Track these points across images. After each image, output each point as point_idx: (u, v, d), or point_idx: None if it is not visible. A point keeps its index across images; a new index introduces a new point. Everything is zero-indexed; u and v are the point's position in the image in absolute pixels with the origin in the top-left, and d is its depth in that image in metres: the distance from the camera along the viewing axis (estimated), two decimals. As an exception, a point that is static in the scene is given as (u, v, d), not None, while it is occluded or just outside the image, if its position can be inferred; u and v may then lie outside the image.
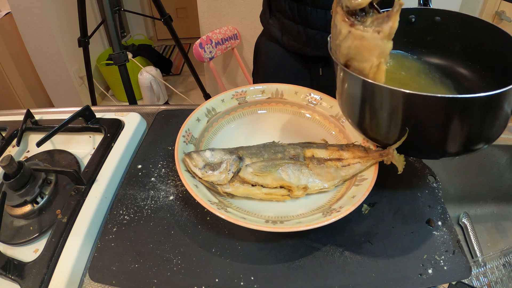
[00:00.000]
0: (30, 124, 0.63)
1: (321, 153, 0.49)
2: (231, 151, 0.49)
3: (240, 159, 0.47)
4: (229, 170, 0.46)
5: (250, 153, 0.48)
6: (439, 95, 0.35)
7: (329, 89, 0.57)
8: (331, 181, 0.47)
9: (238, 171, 0.46)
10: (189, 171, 0.47)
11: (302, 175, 0.47)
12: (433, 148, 0.43)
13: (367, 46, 0.38)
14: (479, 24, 0.47)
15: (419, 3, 0.54)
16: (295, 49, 0.80)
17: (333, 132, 0.57)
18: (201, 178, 0.46)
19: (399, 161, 0.44)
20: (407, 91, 0.36)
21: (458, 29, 0.49)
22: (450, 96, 0.35)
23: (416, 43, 0.53)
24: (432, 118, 0.39)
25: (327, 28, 0.73)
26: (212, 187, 0.46)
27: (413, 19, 0.51)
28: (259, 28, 0.92)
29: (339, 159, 0.48)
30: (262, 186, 0.46)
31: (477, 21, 0.47)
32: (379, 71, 0.39)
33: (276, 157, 0.48)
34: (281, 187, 0.47)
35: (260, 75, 0.92)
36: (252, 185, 0.46)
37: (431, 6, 0.52)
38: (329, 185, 0.47)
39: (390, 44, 0.38)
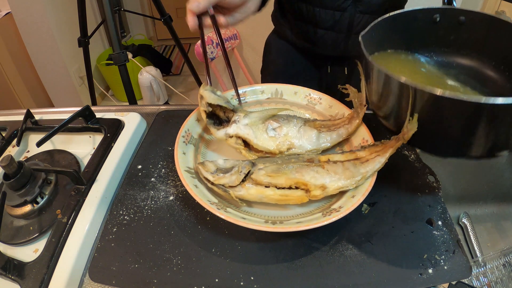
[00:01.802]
0: (30, 124, 0.63)
1: (337, 157, 0.47)
2: (243, 160, 0.48)
3: (253, 164, 0.46)
4: (241, 171, 0.45)
5: (264, 159, 0.48)
6: (467, 99, 0.34)
7: (336, 87, 0.58)
8: (351, 178, 0.44)
9: (251, 173, 0.45)
10: (187, 172, 0.47)
11: (318, 175, 0.44)
12: (455, 149, 0.42)
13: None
14: (504, 25, 0.46)
15: (443, 2, 0.53)
16: (304, 48, 0.81)
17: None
18: (213, 184, 0.45)
19: (413, 128, 0.43)
20: (437, 93, 0.35)
21: (482, 29, 0.49)
22: (476, 101, 0.34)
23: (440, 42, 0.53)
24: (458, 120, 0.38)
25: (336, 28, 0.74)
26: (224, 192, 0.45)
27: (438, 19, 0.51)
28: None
29: (356, 159, 0.46)
30: (276, 187, 0.44)
31: (502, 22, 0.46)
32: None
33: (289, 161, 0.46)
34: (296, 187, 0.45)
35: (269, 72, 0.94)
36: (266, 187, 0.44)
37: (455, 6, 0.52)
38: (349, 182, 0.44)
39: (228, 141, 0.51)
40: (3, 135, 0.63)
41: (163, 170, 0.54)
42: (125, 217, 0.47)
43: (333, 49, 0.77)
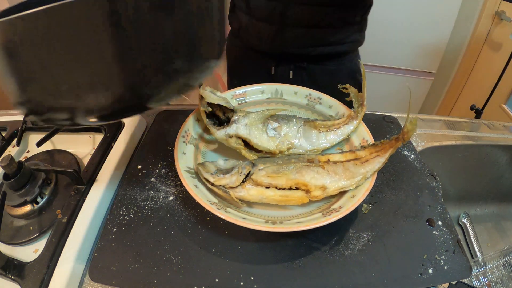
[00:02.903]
0: (30, 124, 0.63)
1: (336, 157, 0.47)
2: (243, 161, 0.48)
3: (253, 164, 0.46)
4: (241, 172, 0.45)
5: (264, 160, 0.48)
6: None
7: None
8: (351, 179, 0.44)
9: (251, 174, 0.45)
10: (187, 172, 0.47)
11: (318, 175, 0.45)
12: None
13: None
14: None
15: None
16: (249, 44, 0.80)
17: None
18: (213, 185, 0.45)
19: (413, 129, 0.44)
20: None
21: None
22: None
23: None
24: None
25: (270, 19, 0.72)
26: (224, 193, 0.45)
27: None
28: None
29: (356, 159, 0.47)
30: (276, 187, 0.45)
31: None
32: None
33: (290, 162, 0.46)
34: (296, 188, 0.45)
35: (228, 72, 0.95)
36: (266, 187, 0.45)
37: None
38: (349, 183, 0.44)
39: (229, 141, 0.50)
40: (3, 135, 0.63)
41: (163, 170, 0.54)
42: (125, 217, 0.47)
43: (269, 43, 0.75)
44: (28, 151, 0.62)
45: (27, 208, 0.49)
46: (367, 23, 0.79)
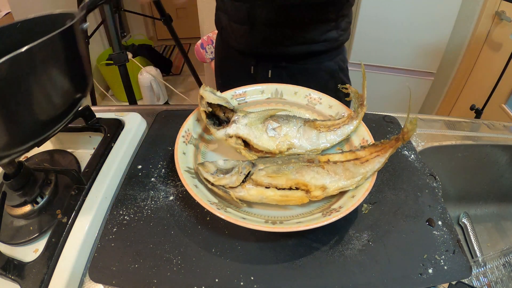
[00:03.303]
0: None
1: (336, 157, 0.47)
2: (244, 161, 0.48)
3: (253, 164, 0.46)
4: (241, 172, 0.45)
5: (264, 160, 0.48)
6: None
7: None
8: (351, 179, 0.45)
9: (251, 174, 0.45)
10: (187, 172, 0.47)
11: (318, 175, 0.45)
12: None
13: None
14: None
15: None
16: (229, 44, 0.81)
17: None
18: (213, 184, 0.45)
19: (413, 129, 0.44)
20: None
21: None
22: None
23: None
24: None
25: (240, 20, 0.74)
26: (224, 193, 0.45)
27: None
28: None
29: (356, 159, 0.47)
30: (276, 187, 0.45)
31: None
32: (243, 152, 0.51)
33: (290, 162, 0.47)
34: (296, 188, 0.45)
35: (215, 70, 0.97)
36: (266, 187, 0.45)
37: None
38: (349, 183, 0.44)
39: (229, 141, 0.51)
40: (3, 135, 0.63)
41: (163, 170, 0.54)
42: (125, 217, 0.47)
43: (243, 43, 0.76)
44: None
45: (27, 208, 0.49)
46: (349, 20, 0.76)
